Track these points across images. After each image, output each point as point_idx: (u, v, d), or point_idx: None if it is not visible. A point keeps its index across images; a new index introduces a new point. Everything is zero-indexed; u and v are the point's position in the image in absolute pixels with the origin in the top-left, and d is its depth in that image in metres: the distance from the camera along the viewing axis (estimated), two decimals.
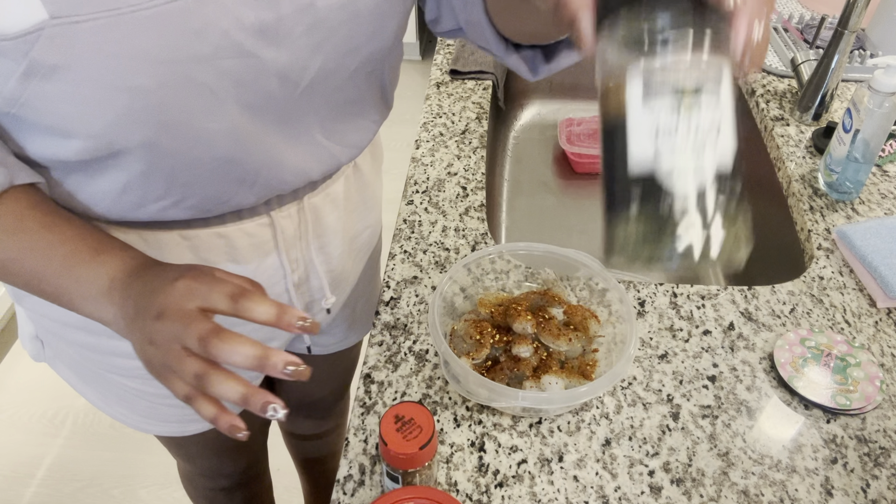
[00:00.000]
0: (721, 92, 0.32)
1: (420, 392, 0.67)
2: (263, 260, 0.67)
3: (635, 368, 0.70)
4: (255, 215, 0.64)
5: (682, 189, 0.31)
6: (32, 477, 1.57)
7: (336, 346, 0.91)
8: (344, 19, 0.52)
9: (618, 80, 0.33)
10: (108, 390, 0.74)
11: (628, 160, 0.32)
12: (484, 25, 0.53)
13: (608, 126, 0.33)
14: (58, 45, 0.42)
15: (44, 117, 0.47)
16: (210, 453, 0.93)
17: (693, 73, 0.31)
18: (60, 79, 0.44)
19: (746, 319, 0.75)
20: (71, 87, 0.44)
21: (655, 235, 0.31)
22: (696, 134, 0.31)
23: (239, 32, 0.47)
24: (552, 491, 0.60)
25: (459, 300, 0.73)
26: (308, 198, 0.67)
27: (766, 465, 0.62)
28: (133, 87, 0.45)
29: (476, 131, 1.03)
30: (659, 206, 0.31)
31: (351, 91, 0.59)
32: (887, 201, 0.90)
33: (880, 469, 0.62)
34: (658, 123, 0.31)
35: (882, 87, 0.81)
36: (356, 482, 0.60)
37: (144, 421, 0.77)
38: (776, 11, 1.28)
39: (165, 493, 1.54)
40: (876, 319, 0.75)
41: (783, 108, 1.06)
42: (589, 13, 0.35)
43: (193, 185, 0.55)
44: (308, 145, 0.60)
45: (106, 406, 0.77)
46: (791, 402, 0.67)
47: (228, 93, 0.49)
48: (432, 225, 0.86)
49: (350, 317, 0.87)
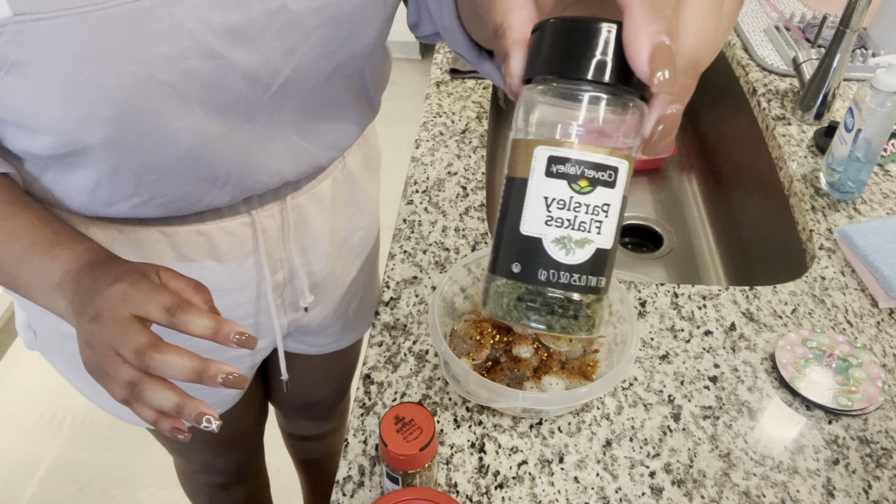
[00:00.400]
0: (618, 182, 0.32)
1: (420, 393, 0.67)
2: (245, 259, 0.67)
3: (636, 369, 0.69)
4: (235, 214, 0.63)
5: (560, 259, 0.31)
6: (31, 478, 1.57)
7: (331, 347, 0.90)
8: (318, 23, 0.51)
9: (530, 136, 0.32)
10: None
11: (521, 219, 0.31)
12: (456, 30, 0.53)
13: (511, 177, 0.33)
14: (21, 41, 0.42)
15: (7, 113, 0.47)
16: (204, 448, 0.93)
17: (598, 157, 0.31)
18: (23, 75, 0.44)
19: (748, 320, 0.74)
20: (33, 84, 0.44)
21: (523, 297, 0.31)
22: (588, 214, 0.31)
23: (206, 33, 0.46)
24: (553, 492, 0.59)
25: (459, 300, 0.72)
26: (291, 197, 0.67)
27: (768, 466, 0.61)
28: (96, 85, 0.45)
29: (476, 131, 1.03)
30: (536, 272, 0.31)
31: (327, 93, 0.59)
32: (889, 201, 0.90)
33: (882, 470, 0.61)
34: (555, 195, 0.31)
35: (884, 87, 0.81)
36: (356, 483, 0.60)
37: (133, 413, 0.77)
38: (778, 11, 1.28)
39: (164, 494, 1.54)
40: (878, 320, 0.75)
41: (785, 107, 1.06)
42: (520, 53, 0.32)
43: (162, 183, 0.55)
44: (282, 146, 0.59)
45: (96, 398, 0.77)
46: (793, 402, 0.67)
47: (195, 93, 0.49)
48: (432, 225, 0.86)
49: (343, 318, 0.86)
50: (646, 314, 0.75)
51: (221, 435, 0.89)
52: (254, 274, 0.69)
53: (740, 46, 1.20)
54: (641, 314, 0.75)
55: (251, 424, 0.96)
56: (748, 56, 1.17)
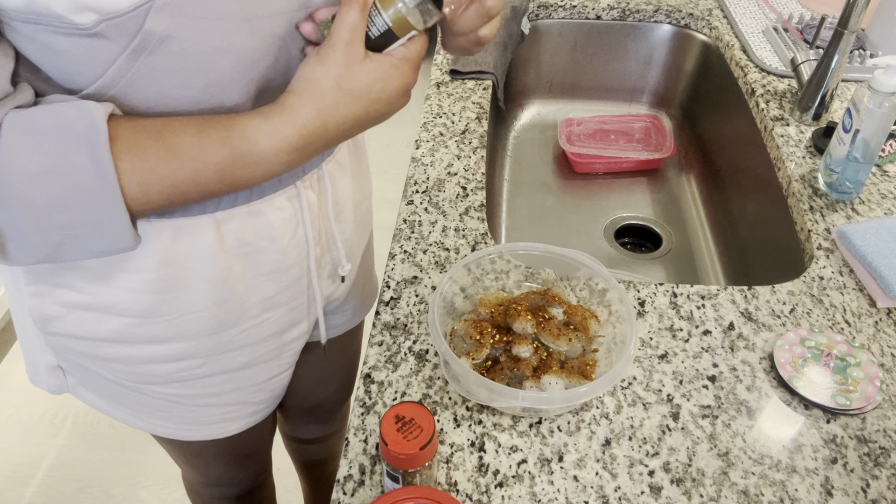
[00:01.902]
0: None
1: (420, 392, 0.67)
2: (294, 235, 0.67)
3: (635, 368, 0.70)
4: (282, 187, 0.63)
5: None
6: (32, 477, 1.57)
7: (345, 326, 0.92)
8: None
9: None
10: (144, 404, 0.73)
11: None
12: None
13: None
14: (167, 14, 0.44)
15: (141, 93, 0.48)
16: (225, 461, 0.92)
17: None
18: (167, 50, 0.45)
19: (746, 319, 0.75)
20: (176, 58, 0.46)
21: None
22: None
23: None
24: (552, 491, 0.60)
25: (459, 300, 0.73)
26: (325, 164, 0.68)
27: (766, 465, 0.62)
28: (236, 48, 0.48)
29: (476, 131, 1.03)
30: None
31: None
32: (887, 201, 0.90)
33: (880, 469, 0.62)
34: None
35: (882, 87, 0.81)
36: (356, 482, 0.60)
37: (184, 428, 0.76)
38: (776, 12, 1.28)
39: (165, 493, 1.54)
40: (876, 319, 0.75)
41: (783, 107, 1.06)
42: None
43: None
44: None
45: (140, 422, 0.76)
46: (791, 402, 0.67)
47: (295, 45, 0.52)
48: (432, 225, 0.86)
49: (360, 291, 0.88)
50: (645, 314, 0.75)
51: (243, 447, 0.89)
52: (299, 250, 0.69)
53: (739, 47, 1.20)
54: (640, 314, 0.75)
55: (267, 434, 0.97)
56: (746, 57, 1.18)
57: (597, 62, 1.36)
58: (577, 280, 0.75)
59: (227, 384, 0.74)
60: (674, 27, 1.32)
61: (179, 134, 0.48)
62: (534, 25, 1.31)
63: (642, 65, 1.37)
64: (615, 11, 1.31)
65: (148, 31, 0.44)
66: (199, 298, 0.63)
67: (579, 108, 1.40)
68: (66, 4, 0.42)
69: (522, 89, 1.39)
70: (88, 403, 0.76)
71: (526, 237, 1.15)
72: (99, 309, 0.62)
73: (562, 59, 1.36)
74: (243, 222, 0.62)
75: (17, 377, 1.77)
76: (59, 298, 0.62)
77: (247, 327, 0.69)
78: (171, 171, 0.48)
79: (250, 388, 0.76)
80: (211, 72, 0.48)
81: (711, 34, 1.29)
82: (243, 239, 0.63)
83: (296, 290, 0.72)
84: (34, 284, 0.62)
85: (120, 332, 0.63)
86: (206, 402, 0.74)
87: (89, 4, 0.42)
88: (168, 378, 0.69)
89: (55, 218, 0.46)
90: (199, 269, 0.61)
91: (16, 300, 0.68)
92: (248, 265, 0.65)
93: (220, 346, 0.69)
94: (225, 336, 0.68)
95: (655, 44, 1.34)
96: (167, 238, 0.59)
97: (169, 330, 0.64)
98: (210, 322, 0.66)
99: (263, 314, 0.70)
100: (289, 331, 0.75)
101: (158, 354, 0.66)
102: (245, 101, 0.52)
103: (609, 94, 1.40)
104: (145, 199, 0.48)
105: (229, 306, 0.66)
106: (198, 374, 0.70)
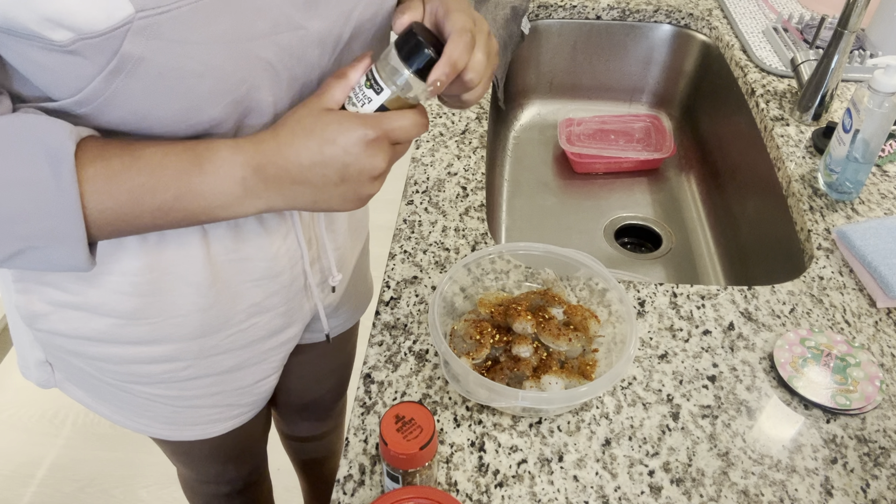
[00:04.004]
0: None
1: (420, 392, 0.67)
2: (284, 241, 0.67)
3: (635, 368, 0.70)
4: None
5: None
6: (32, 477, 1.57)
7: (340, 329, 0.92)
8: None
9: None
10: (128, 402, 0.73)
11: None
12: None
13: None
14: (144, 37, 0.43)
15: (118, 112, 0.48)
16: (217, 459, 0.92)
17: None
18: (145, 73, 0.45)
19: (746, 319, 0.75)
20: (154, 82, 0.46)
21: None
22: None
23: (290, 6, 0.49)
24: (552, 491, 0.60)
25: (459, 300, 0.73)
26: None
27: (766, 464, 0.62)
28: (215, 71, 0.47)
29: (476, 131, 1.03)
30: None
31: (376, 49, 0.61)
32: (887, 201, 0.90)
33: (880, 469, 0.62)
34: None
35: (882, 87, 0.81)
36: (356, 482, 0.60)
37: (168, 428, 0.77)
38: (776, 12, 1.28)
39: (166, 493, 1.54)
40: (876, 319, 0.75)
41: (783, 108, 1.06)
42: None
43: None
44: None
45: (125, 420, 0.76)
46: (791, 401, 0.67)
47: (284, 65, 0.52)
48: (432, 225, 0.86)
49: (353, 295, 0.88)
50: (645, 314, 0.75)
51: (234, 446, 0.89)
52: (290, 257, 0.69)
53: (738, 47, 1.20)
54: (640, 314, 0.75)
55: (259, 433, 0.97)
56: (746, 57, 1.18)
57: (597, 62, 1.36)
58: (577, 280, 0.75)
59: (213, 387, 0.74)
60: (674, 27, 1.32)
61: (147, 146, 0.49)
62: (534, 25, 1.32)
63: (642, 65, 1.37)
64: (615, 11, 1.31)
65: (125, 53, 0.43)
66: (184, 303, 0.63)
67: (579, 108, 1.40)
68: (39, 21, 0.42)
69: (522, 89, 1.39)
70: (76, 399, 0.76)
71: (526, 237, 1.15)
72: (85, 308, 0.62)
73: (562, 59, 1.36)
74: (230, 229, 0.62)
75: (18, 377, 1.77)
76: (45, 297, 0.62)
77: (233, 332, 0.69)
78: (131, 177, 0.48)
79: (236, 392, 0.76)
80: (190, 93, 0.47)
81: (711, 34, 1.29)
82: (230, 246, 0.63)
83: (285, 295, 0.72)
84: (21, 282, 0.62)
85: (105, 332, 0.64)
86: (191, 403, 0.74)
87: (64, 23, 0.42)
88: (153, 379, 0.69)
89: (16, 227, 0.47)
90: (185, 274, 0.61)
91: (6, 295, 0.68)
92: (235, 272, 0.65)
93: (206, 349, 0.69)
94: (211, 340, 0.68)
95: (655, 44, 1.34)
96: (153, 242, 0.59)
97: (154, 332, 0.64)
98: (196, 326, 0.66)
99: (250, 319, 0.70)
100: (277, 335, 0.75)
101: (143, 355, 0.66)
102: (227, 121, 0.52)
103: (609, 94, 1.40)
104: (105, 219, 0.49)
105: (216, 311, 0.66)
106: (183, 377, 0.70)
